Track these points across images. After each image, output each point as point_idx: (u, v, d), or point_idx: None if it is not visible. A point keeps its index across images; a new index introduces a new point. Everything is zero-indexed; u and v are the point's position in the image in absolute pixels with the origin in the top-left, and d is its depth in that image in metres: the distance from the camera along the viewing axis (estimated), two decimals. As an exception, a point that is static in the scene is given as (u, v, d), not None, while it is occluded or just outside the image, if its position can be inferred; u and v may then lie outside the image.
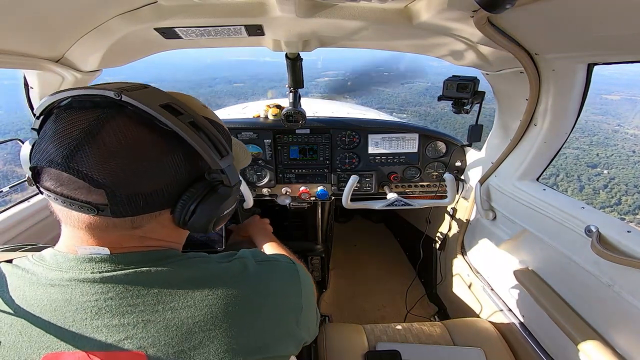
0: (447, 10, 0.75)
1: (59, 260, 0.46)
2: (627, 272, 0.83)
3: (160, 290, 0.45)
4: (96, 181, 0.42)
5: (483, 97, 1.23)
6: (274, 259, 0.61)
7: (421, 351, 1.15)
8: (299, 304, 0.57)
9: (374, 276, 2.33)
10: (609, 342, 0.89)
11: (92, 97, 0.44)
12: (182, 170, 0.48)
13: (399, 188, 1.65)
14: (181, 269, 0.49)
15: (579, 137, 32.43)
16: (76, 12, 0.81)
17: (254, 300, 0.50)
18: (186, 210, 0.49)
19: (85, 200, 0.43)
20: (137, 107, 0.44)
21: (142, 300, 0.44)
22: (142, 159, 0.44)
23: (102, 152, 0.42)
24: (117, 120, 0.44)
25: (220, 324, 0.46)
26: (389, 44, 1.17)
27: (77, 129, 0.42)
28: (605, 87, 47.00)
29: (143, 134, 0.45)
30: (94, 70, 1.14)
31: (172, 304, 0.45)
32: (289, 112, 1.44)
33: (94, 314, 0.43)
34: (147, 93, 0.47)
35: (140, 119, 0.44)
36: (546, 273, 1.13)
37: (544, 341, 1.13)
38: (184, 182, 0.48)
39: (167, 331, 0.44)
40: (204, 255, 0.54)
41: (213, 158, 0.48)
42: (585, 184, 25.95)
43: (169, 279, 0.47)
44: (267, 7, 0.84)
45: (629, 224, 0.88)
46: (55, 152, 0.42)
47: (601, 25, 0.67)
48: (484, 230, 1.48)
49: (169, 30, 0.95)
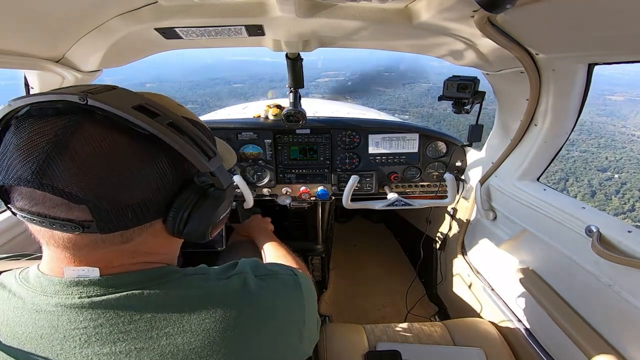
0: (447, 10, 0.75)
1: (43, 284, 0.43)
2: (628, 272, 0.83)
3: (154, 314, 0.42)
4: (75, 196, 0.38)
5: (483, 97, 1.23)
6: (274, 272, 0.57)
7: (421, 351, 1.15)
8: (302, 318, 0.55)
9: (374, 276, 2.33)
10: (609, 342, 0.89)
11: (53, 104, 0.39)
12: (169, 176, 0.44)
13: (399, 188, 1.65)
14: (177, 289, 0.46)
15: (585, 139, 31.87)
16: (76, 12, 0.81)
17: (254, 319, 0.47)
18: (179, 219, 0.45)
19: (66, 218, 0.39)
20: (106, 111, 0.39)
21: (134, 326, 0.41)
22: (122, 167, 0.40)
23: (76, 164, 0.38)
24: (87, 127, 0.39)
25: (218, 349, 0.43)
26: (389, 44, 1.17)
27: (43, 140, 0.38)
28: (608, 88, 46.55)
29: (118, 140, 0.40)
30: (94, 70, 1.14)
31: (166, 329, 0.42)
32: (289, 112, 1.44)
33: (83, 342, 0.40)
34: (116, 95, 0.43)
35: (112, 124, 0.40)
36: (546, 273, 1.13)
37: (544, 341, 1.13)
38: (172, 188, 0.45)
39: (162, 359, 0.41)
40: (201, 271, 0.51)
41: (200, 161, 0.44)
42: (597, 190, 25.28)
43: (164, 302, 0.44)
44: (267, 7, 0.84)
45: None
46: (22, 168, 0.37)
47: (601, 25, 0.67)
48: (484, 230, 1.48)
49: (169, 31, 0.95)
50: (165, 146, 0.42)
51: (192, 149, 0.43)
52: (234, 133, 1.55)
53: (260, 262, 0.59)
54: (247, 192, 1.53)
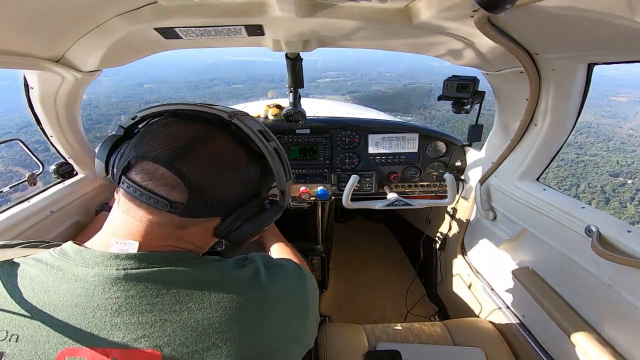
0: (447, 10, 0.75)
1: (85, 256, 0.48)
2: (627, 272, 0.83)
3: (179, 290, 0.47)
4: (190, 182, 0.47)
5: (483, 97, 1.23)
6: (282, 265, 0.62)
7: (421, 351, 1.15)
8: (306, 309, 0.59)
9: (374, 276, 2.33)
10: (609, 342, 0.89)
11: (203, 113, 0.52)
12: (251, 186, 0.55)
13: (399, 188, 1.65)
14: (199, 271, 0.50)
15: (594, 142, 31.16)
16: (76, 12, 0.81)
17: (265, 305, 0.51)
18: (235, 222, 0.54)
19: (165, 196, 0.47)
20: (241, 129, 0.52)
21: (161, 299, 0.45)
22: (231, 171, 0.51)
23: (204, 160, 0.49)
24: (223, 137, 0.52)
25: (233, 327, 0.47)
26: (389, 43, 1.17)
27: (188, 136, 0.49)
28: (612, 89, 45.97)
29: (239, 152, 0.53)
30: (94, 70, 1.14)
31: (189, 304, 0.46)
32: (289, 112, 1.44)
33: (114, 311, 0.44)
34: (250, 119, 0.55)
35: (239, 140, 0.53)
36: (546, 273, 1.13)
37: (544, 341, 1.13)
38: (246, 196, 0.55)
39: (183, 331, 0.44)
40: (219, 259, 0.56)
41: (282, 181, 0.56)
42: (611, 196, 24.31)
43: (188, 280, 0.48)
44: (267, 7, 0.84)
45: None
46: (162, 150, 0.48)
47: (601, 25, 0.67)
48: (484, 230, 1.48)
49: (169, 30, 0.95)
50: (263, 164, 0.54)
51: (282, 171, 0.55)
52: None
53: (269, 256, 0.65)
54: None
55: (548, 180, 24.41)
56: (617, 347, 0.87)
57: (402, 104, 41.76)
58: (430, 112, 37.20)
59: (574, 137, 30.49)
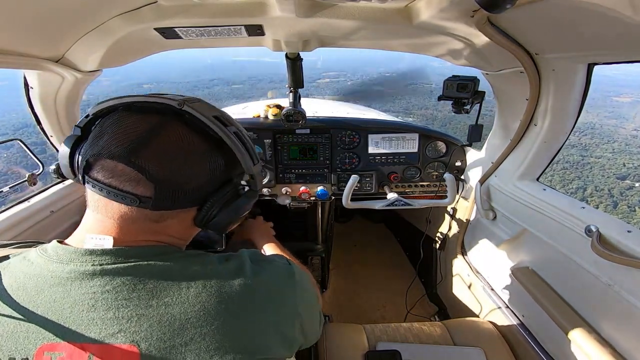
0: (447, 10, 0.75)
1: (60, 253, 0.48)
2: (627, 272, 0.83)
3: (156, 285, 0.46)
4: (152, 175, 0.47)
5: (483, 97, 1.23)
6: (270, 260, 0.62)
7: (421, 351, 1.15)
8: (294, 305, 0.57)
9: (374, 276, 2.33)
10: (609, 342, 0.89)
11: (153, 104, 0.51)
12: (218, 173, 0.54)
13: (399, 188, 1.65)
14: (179, 265, 0.50)
15: (598, 143, 30.44)
16: (76, 12, 0.81)
17: (247, 300, 0.50)
18: (212, 209, 0.53)
19: (131, 191, 0.47)
20: (194, 117, 0.50)
21: (137, 294, 0.45)
22: (192, 160, 0.51)
23: (161, 149, 0.48)
24: (177, 126, 0.50)
25: (212, 322, 0.46)
26: (389, 43, 1.17)
27: (141, 129, 0.48)
28: (613, 89, 45.31)
29: (196, 140, 0.51)
30: (94, 70, 1.14)
31: (166, 299, 0.46)
32: (289, 112, 1.44)
33: (90, 306, 0.44)
34: (202, 105, 0.54)
35: (195, 127, 0.51)
36: (546, 273, 1.13)
37: (544, 341, 1.13)
38: (217, 183, 0.54)
39: (160, 326, 0.44)
40: (203, 253, 0.55)
41: (249, 165, 0.54)
42: (619, 200, 23.52)
43: (166, 274, 0.48)
44: (267, 7, 0.84)
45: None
46: (117, 146, 0.47)
47: (601, 25, 0.67)
48: (484, 230, 1.48)
49: (169, 30, 0.95)
50: (226, 149, 0.53)
51: (246, 155, 0.54)
52: None
53: (259, 252, 0.64)
54: None
55: (554, 183, 23.89)
56: (617, 347, 0.87)
57: (403, 105, 41.42)
58: (431, 113, 36.31)
59: (577, 139, 29.93)
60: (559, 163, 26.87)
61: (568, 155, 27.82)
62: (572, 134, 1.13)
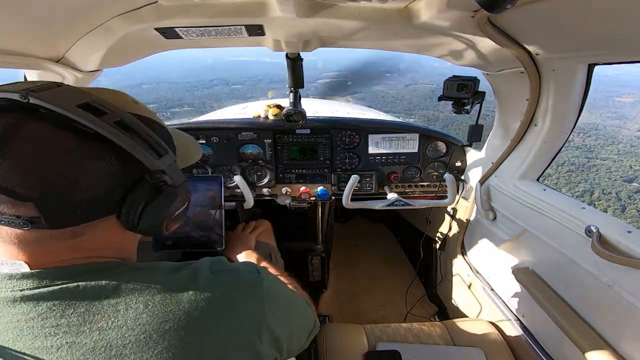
0: (447, 10, 0.75)
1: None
2: (627, 272, 0.83)
3: (89, 308, 0.41)
4: (20, 194, 0.38)
5: (483, 97, 1.23)
6: (234, 269, 0.55)
7: (421, 351, 1.15)
8: (260, 317, 0.51)
9: (374, 276, 2.33)
10: (609, 342, 0.89)
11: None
12: (120, 174, 0.44)
13: (399, 188, 1.65)
14: (117, 282, 0.44)
15: (603, 144, 29.83)
16: (76, 12, 0.81)
17: (198, 316, 0.45)
18: (133, 214, 0.46)
19: (13, 214, 0.38)
20: (50, 110, 0.39)
21: (67, 320, 0.40)
22: (66, 166, 0.40)
23: (17, 163, 0.38)
24: (30, 126, 0.39)
25: (155, 346, 0.41)
26: (389, 43, 1.17)
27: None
28: (615, 89, 44.80)
29: (62, 139, 0.40)
30: (94, 70, 1.14)
31: (100, 323, 0.41)
32: (289, 112, 1.44)
33: (15, 335, 0.40)
34: (60, 92, 0.42)
35: (56, 123, 0.39)
36: (546, 273, 1.13)
37: (544, 341, 1.13)
38: (125, 185, 0.45)
39: (94, 354, 0.40)
40: (152, 265, 0.50)
41: (150, 159, 0.45)
42: (627, 204, 23.07)
43: (100, 295, 0.43)
44: (267, 7, 0.84)
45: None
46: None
47: (601, 25, 0.67)
48: (484, 231, 1.48)
49: (169, 30, 0.95)
50: (113, 145, 0.42)
51: (141, 148, 0.44)
52: (234, 133, 1.55)
53: (222, 260, 0.57)
54: (247, 192, 1.52)
55: (560, 185, 23.51)
56: (617, 347, 0.87)
57: (404, 105, 40.96)
58: (433, 114, 35.72)
59: (582, 140, 29.49)
60: (564, 165, 26.39)
61: (573, 157, 27.35)
62: (577, 135, 1.13)
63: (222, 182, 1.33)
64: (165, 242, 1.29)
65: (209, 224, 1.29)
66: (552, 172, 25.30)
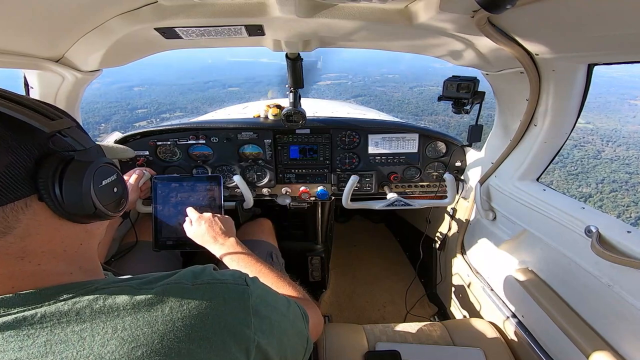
0: (447, 10, 0.75)
1: None
2: (627, 272, 0.83)
3: (50, 338, 0.38)
4: None
5: (483, 97, 1.23)
6: (218, 280, 0.50)
7: (421, 351, 1.15)
8: (249, 335, 0.47)
9: (373, 276, 2.33)
10: (608, 342, 0.89)
11: None
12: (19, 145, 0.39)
13: (399, 188, 1.65)
14: (80, 306, 0.40)
15: (632, 155, 26.65)
16: (76, 12, 0.81)
17: (173, 339, 0.41)
18: (52, 190, 0.41)
19: None
20: None
21: (26, 352, 0.37)
22: None
23: None
24: None
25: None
26: (390, 44, 1.17)
27: None
28: (627, 92, 42.73)
29: None
30: (94, 70, 1.14)
31: (64, 354, 0.37)
32: (289, 112, 1.44)
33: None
34: None
35: None
36: (546, 273, 1.13)
37: (543, 341, 1.13)
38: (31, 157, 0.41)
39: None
40: (120, 283, 0.45)
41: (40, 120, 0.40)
42: None
43: (61, 322, 0.39)
44: (268, 7, 0.84)
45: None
46: None
47: (601, 25, 0.67)
48: (484, 231, 1.48)
49: (169, 30, 0.95)
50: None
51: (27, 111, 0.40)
52: (234, 133, 1.55)
53: (211, 269, 0.52)
54: (247, 192, 1.53)
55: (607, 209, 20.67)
56: (617, 347, 0.87)
57: (411, 109, 39.61)
58: (443, 119, 33.65)
59: (612, 150, 26.52)
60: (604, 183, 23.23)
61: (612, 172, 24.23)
62: (605, 144, 1.10)
63: (222, 182, 1.33)
64: (165, 242, 1.30)
65: None
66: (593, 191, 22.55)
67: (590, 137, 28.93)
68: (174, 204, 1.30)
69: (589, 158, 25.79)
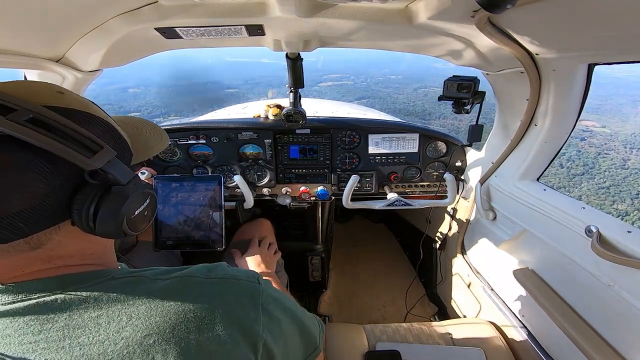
0: (447, 10, 0.75)
1: None
2: (627, 272, 0.83)
3: (68, 322, 0.39)
4: None
5: (483, 97, 1.23)
6: (232, 276, 0.51)
7: (421, 351, 1.15)
8: (258, 331, 0.48)
9: (374, 276, 2.33)
10: (608, 342, 0.89)
11: None
12: (56, 177, 0.39)
13: (399, 188, 1.65)
14: (98, 293, 0.42)
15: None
16: (76, 11, 0.81)
17: (184, 329, 0.42)
18: (85, 218, 0.42)
19: None
20: None
21: (45, 335, 0.39)
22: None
23: None
24: None
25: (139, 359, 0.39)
26: (390, 44, 1.17)
27: None
28: (637, 93, 42.12)
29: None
30: (94, 70, 1.14)
31: (81, 338, 0.39)
32: (289, 112, 1.44)
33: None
34: None
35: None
36: (546, 273, 1.13)
37: (543, 341, 1.13)
38: (65, 189, 0.41)
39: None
40: (136, 273, 0.47)
41: (79, 158, 0.39)
42: None
43: (80, 308, 0.40)
44: (268, 7, 0.84)
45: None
46: None
47: (601, 25, 0.67)
48: (484, 230, 1.48)
49: (169, 30, 0.95)
50: (34, 147, 0.37)
51: (64, 147, 0.38)
52: (234, 133, 1.55)
53: (220, 266, 0.53)
54: (247, 192, 1.53)
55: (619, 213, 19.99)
56: (617, 347, 0.87)
57: (417, 112, 38.13)
58: (452, 123, 31.83)
59: (627, 153, 24.83)
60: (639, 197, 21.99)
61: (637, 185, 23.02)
62: (630, 152, 1.07)
63: (222, 182, 1.33)
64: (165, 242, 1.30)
65: (209, 224, 1.30)
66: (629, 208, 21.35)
67: (612, 144, 27.40)
68: (174, 203, 1.30)
69: (616, 168, 24.40)
